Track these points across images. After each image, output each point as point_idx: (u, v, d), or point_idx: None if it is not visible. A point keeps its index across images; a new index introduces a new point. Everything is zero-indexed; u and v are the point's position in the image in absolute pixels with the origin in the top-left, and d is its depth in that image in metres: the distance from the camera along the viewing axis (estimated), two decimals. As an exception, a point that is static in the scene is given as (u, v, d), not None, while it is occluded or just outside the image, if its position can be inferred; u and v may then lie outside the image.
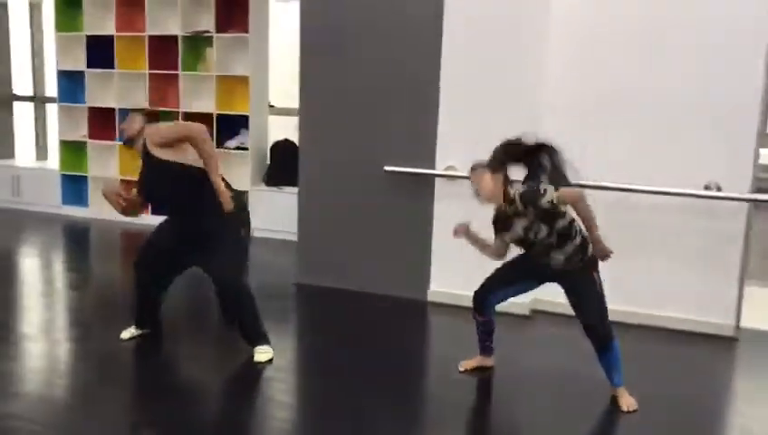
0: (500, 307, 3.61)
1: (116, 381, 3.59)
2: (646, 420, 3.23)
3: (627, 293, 4.37)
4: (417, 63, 4.59)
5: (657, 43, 4.24)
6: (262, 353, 3.73)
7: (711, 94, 4.16)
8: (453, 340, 4.25)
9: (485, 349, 3.66)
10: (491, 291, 3.53)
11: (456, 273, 4.58)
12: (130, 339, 3.92)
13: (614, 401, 3.34)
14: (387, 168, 4.63)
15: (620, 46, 4.31)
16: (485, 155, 4.47)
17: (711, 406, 3.54)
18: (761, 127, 4.17)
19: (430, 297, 4.75)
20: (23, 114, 7.98)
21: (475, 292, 3.55)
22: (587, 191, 4.26)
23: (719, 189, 4.16)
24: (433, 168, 4.59)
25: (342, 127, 4.84)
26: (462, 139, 4.54)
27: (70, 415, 3.19)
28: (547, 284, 3.48)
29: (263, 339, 3.77)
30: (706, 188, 4.18)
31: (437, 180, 4.62)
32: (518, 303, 4.41)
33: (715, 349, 4.20)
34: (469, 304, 3.60)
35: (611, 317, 3.38)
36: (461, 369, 3.65)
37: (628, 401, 3.30)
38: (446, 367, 3.72)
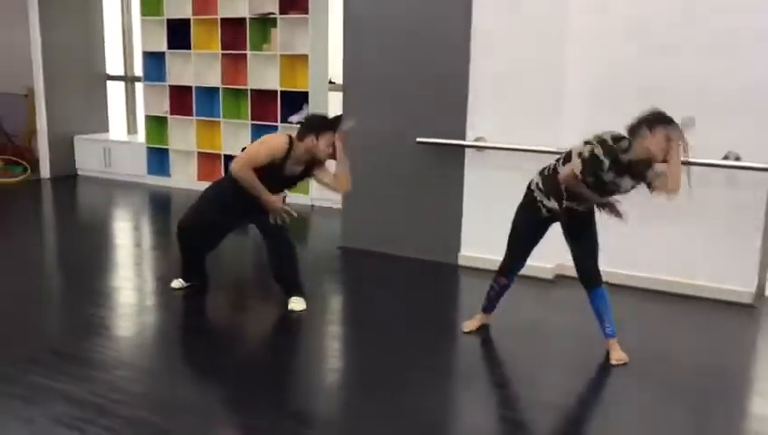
0: (525, 272, 3.91)
1: (185, 326, 4.22)
2: (658, 380, 3.43)
3: (648, 260, 4.56)
4: (448, 43, 4.88)
5: (682, 18, 4.35)
6: (296, 303, 4.19)
7: (734, 68, 4.24)
8: (480, 300, 4.57)
9: (492, 308, 3.96)
10: (518, 261, 3.81)
11: (484, 239, 4.89)
12: (179, 289, 4.48)
13: (607, 355, 3.59)
14: (419, 139, 4.96)
15: (643, 21, 4.44)
16: (512, 127, 4.79)
17: (728, 371, 3.62)
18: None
19: (460, 261, 5.07)
20: (116, 92, 8.79)
21: (505, 262, 3.80)
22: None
23: (738, 159, 4.25)
24: (463, 139, 4.89)
25: (380, 101, 5.20)
26: (490, 111, 4.81)
27: (147, 351, 3.80)
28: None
29: (299, 290, 4.23)
30: (725, 158, 4.28)
31: (467, 151, 4.92)
32: (542, 267, 4.68)
33: (735, 316, 4.33)
34: (495, 267, 3.89)
35: (632, 283, 3.55)
36: (466, 330, 3.94)
37: (618, 355, 3.54)
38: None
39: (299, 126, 4.06)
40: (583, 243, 3.62)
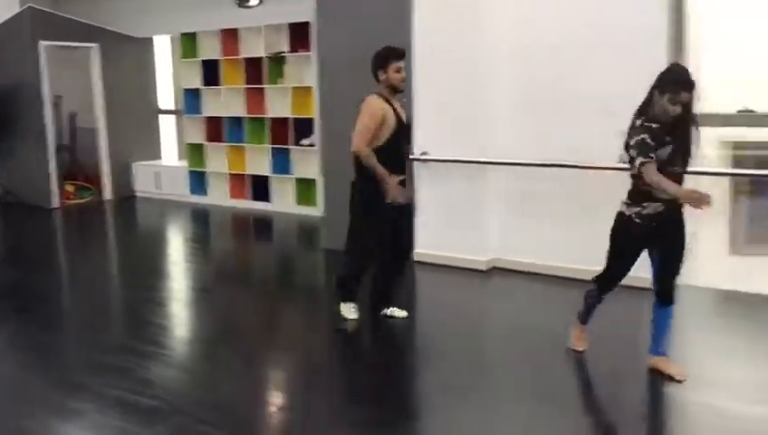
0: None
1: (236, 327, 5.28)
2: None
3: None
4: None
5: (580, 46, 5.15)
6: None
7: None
8: (429, 288, 5.47)
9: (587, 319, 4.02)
10: (619, 280, 3.81)
11: (433, 238, 5.75)
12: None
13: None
14: (375, 155, 5.89)
15: (552, 53, 5.26)
16: (453, 142, 5.65)
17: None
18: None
19: (415, 257, 5.94)
20: (167, 124, 10.18)
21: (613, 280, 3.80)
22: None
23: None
24: (410, 153, 5.78)
25: (342, 124, 6.13)
26: (433, 129, 5.70)
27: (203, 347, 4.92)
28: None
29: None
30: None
31: (415, 163, 5.81)
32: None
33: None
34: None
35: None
36: (580, 349, 4.00)
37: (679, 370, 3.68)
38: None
39: (372, 70, 4.33)
40: (670, 253, 3.61)
